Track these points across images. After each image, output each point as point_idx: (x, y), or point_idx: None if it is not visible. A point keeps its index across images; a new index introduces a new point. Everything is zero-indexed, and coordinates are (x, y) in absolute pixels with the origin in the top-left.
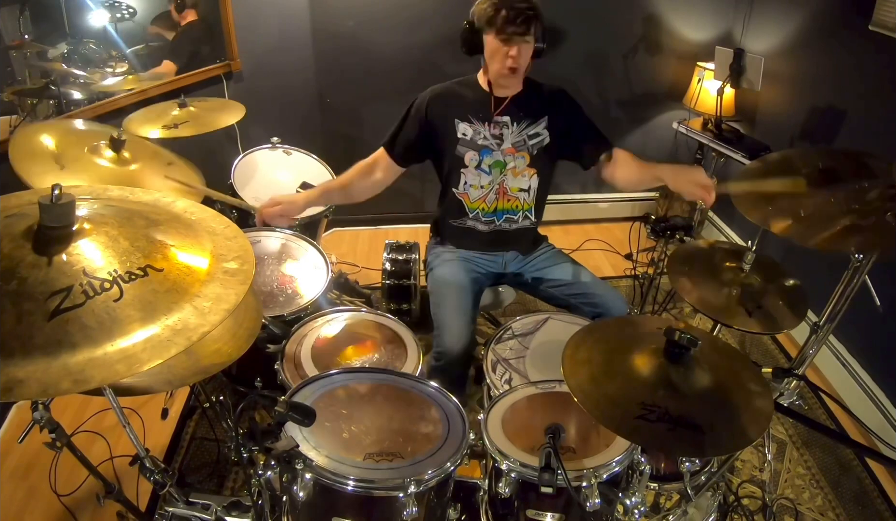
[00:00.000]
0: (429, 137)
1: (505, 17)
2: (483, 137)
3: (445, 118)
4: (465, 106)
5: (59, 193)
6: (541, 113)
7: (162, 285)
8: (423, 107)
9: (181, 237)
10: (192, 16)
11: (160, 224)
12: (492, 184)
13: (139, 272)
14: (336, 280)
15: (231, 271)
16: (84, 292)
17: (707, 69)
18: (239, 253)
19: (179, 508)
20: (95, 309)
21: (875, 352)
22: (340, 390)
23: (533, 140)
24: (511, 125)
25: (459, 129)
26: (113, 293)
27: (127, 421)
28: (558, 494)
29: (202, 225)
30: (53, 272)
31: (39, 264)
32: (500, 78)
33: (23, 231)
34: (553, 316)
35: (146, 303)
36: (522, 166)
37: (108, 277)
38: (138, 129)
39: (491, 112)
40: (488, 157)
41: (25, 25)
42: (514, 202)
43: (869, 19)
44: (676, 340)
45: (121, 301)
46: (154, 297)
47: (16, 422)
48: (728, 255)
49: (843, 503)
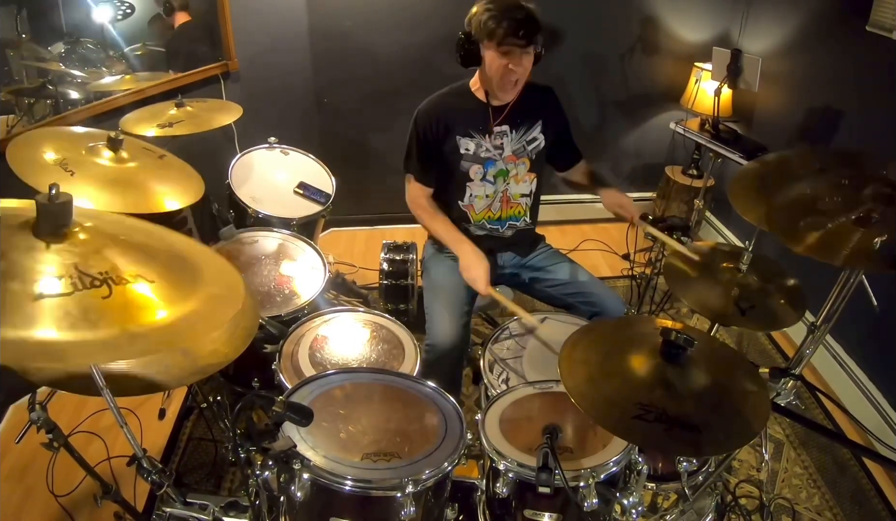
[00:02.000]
0: (438, 151)
1: (506, 30)
2: (485, 149)
3: (446, 136)
4: (464, 121)
5: (56, 193)
6: (536, 116)
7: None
8: (424, 127)
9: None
10: (185, 17)
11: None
12: (496, 193)
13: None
14: (333, 280)
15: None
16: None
17: (704, 70)
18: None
19: (177, 508)
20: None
21: (872, 352)
22: (338, 391)
23: (531, 145)
24: (510, 133)
25: (461, 145)
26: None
27: (124, 421)
28: (556, 494)
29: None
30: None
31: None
32: (501, 91)
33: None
34: (550, 316)
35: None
36: (524, 172)
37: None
38: (134, 128)
39: (490, 124)
40: (492, 167)
41: (22, 25)
42: (517, 208)
43: (866, 20)
44: (673, 340)
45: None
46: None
47: (13, 423)
48: (725, 255)
49: (840, 503)
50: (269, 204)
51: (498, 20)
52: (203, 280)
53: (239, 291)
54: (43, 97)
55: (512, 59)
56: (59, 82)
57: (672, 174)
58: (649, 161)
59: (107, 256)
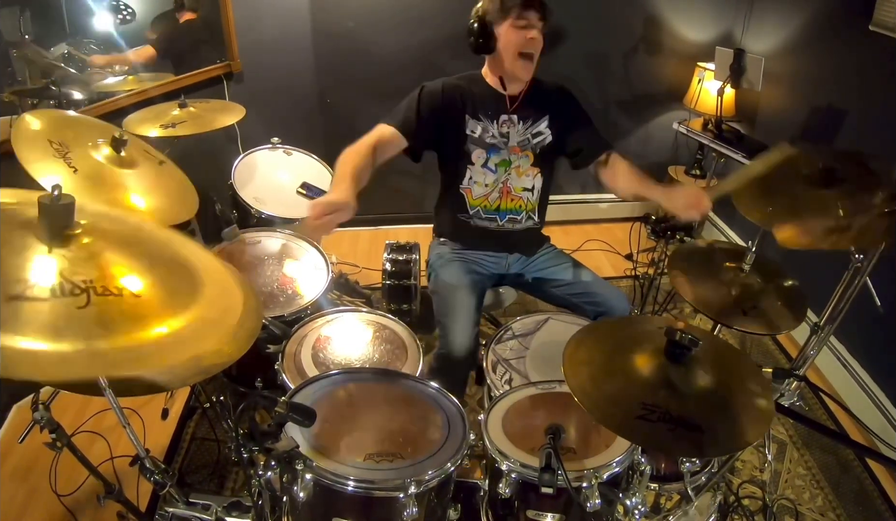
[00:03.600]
0: (440, 128)
1: (523, 3)
2: (491, 135)
3: (456, 113)
4: (475, 103)
5: (59, 194)
6: (542, 111)
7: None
8: (437, 96)
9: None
10: (191, 15)
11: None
12: (496, 182)
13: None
14: (336, 281)
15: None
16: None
17: (707, 69)
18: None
19: (179, 508)
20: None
21: (876, 353)
22: (341, 391)
23: (536, 139)
24: (517, 123)
25: (469, 126)
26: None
27: (127, 421)
28: (558, 494)
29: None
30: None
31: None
32: (517, 69)
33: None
34: (553, 316)
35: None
36: (526, 166)
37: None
38: (137, 128)
39: (506, 107)
40: (495, 155)
41: (26, 25)
42: (518, 202)
43: (869, 19)
44: (677, 340)
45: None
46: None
47: (16, 422)
48: (728, 255)
49: (843, 504)
50: (272, 204)
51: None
52: (201, 295)
53: (232, 318)
54: (46, 98)
55: (530, 31)
56: (62, 83)
57: (675, 174)
58: (652, 161)
59: (107, 262)
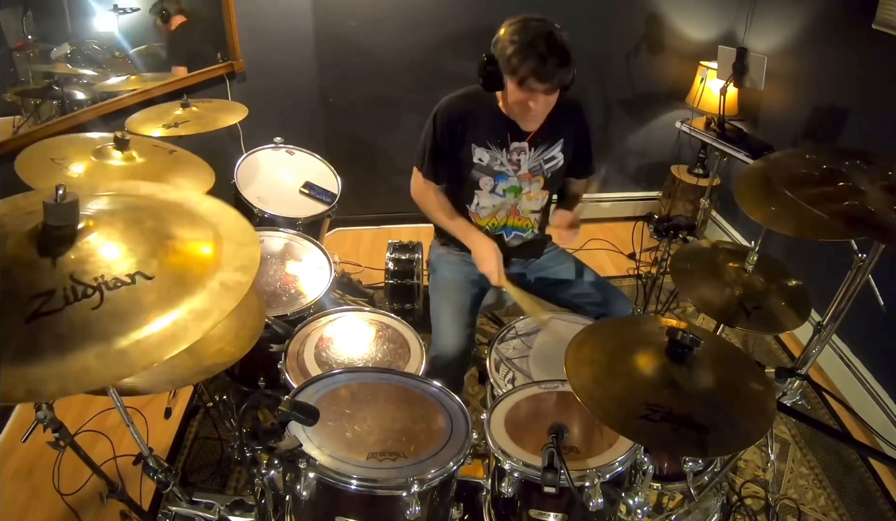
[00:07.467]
0: (452, 152)
1: (529, 71)
2: (500, 163)
3: (462, 140)
4: (482, 130)
5: (63, 193)
6: (557, 135)
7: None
8: (442, 126)
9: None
10: (181, 19)
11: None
12: (504, 205)
13: (127, 280)
14: (339, 280)
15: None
16: (66, 297)
17: (710, 68)
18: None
19: (182, 507)
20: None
21: (878, 352)
22: (343, 390)
23: (548, 163)
24: (529, 151)
25: (476, 154)
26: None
27: (130, 420)
28: (561, 494)
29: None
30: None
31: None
32: (521, 122)
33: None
34: (556, 316)
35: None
36: (537, 190)
37: (93, 282)
38: (140, 128)
39: (519, 135)
40: (503, 182)
41: (28, 26)
42: (525, 221)
43: (872, 18)
44: (679, 339)
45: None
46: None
47: (19, 421)
48: (731, 255)
49: (846, 504)
50: (274, 204)
51: (522, 57)
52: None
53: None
54: (49, 98)
55: (533, 97)
56: (64, 83)
57: (678, 173)
58: (655, 160)
59: (115, 252)
